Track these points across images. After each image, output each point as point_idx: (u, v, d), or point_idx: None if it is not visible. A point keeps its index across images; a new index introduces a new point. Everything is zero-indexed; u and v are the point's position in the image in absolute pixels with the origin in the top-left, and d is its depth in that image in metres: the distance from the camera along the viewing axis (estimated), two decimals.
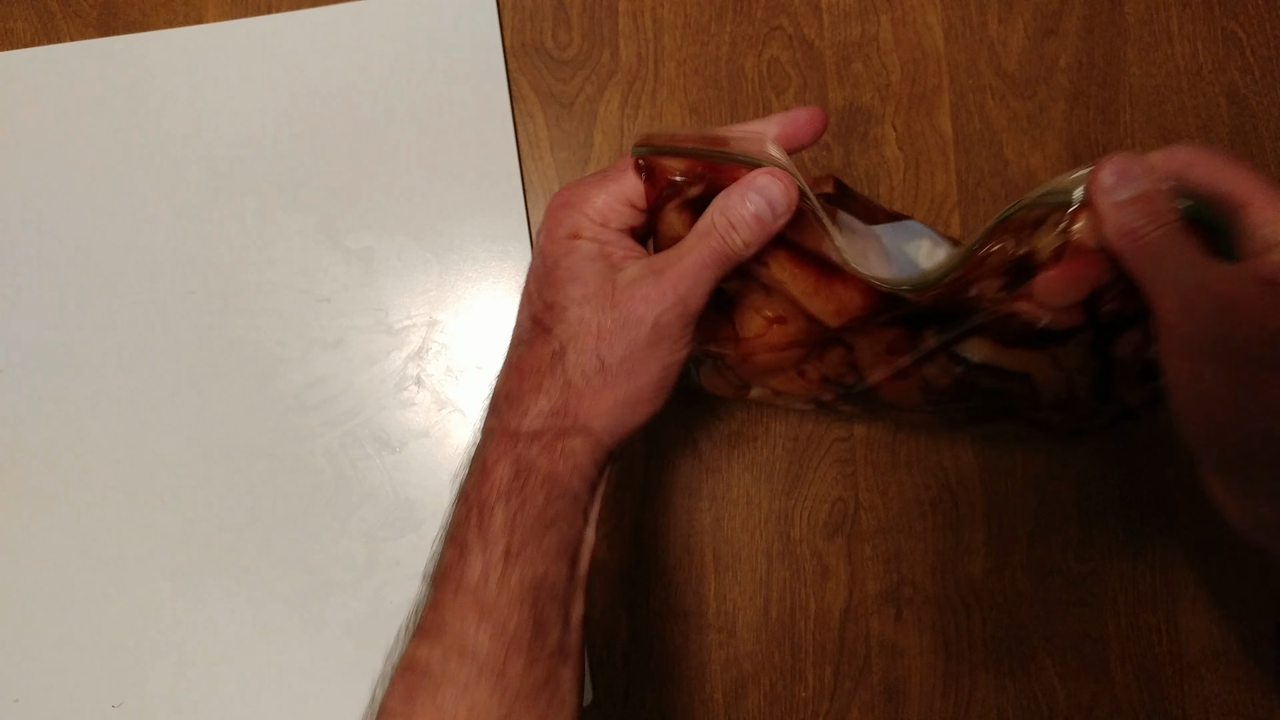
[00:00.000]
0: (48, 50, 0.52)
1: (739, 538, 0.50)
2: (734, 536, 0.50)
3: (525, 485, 0.33)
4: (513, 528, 0.32)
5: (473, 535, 0.33)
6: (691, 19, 0.51)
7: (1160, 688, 0.48)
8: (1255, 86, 0.50)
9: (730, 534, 0.50)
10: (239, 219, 0.51)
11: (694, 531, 0.50)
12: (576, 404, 0.33)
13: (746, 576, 0.50)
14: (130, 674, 0.49)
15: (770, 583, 0.50)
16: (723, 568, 0.50)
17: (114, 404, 0.50)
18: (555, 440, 0.33)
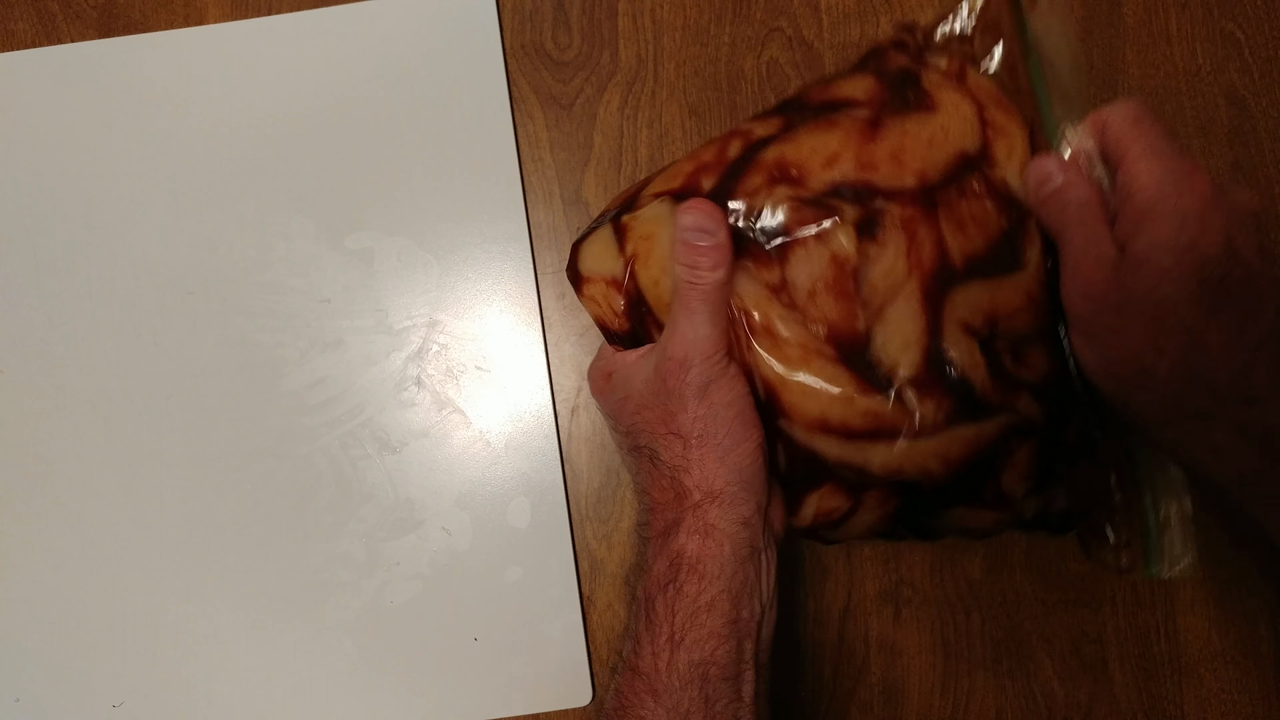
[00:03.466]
0: (48, 51, 0.52)
1: None
2: None
3: (678, 574, 0.36)
4: (673, 614, 0.35)
5: (642, 627, 0.36)
6: (691, 20, 0.52)
7: (1158, 688, 0.49)
8: (1254, 88, 0.50)
9: None
10: (239, 220, 0.51)
11: None
12: (689, 481, 0.36)
13: None
14: (131, 674, 0.49)
15: None
16: None
17: (114, 404, 0.50)
18: (695, 520, 0.36)
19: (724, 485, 0.36)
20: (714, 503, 0.36)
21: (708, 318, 0.36)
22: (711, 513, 0.36)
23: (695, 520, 0.36)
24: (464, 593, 0.49)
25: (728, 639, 0.35)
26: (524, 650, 0.49)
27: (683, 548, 0.36)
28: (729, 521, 0.36)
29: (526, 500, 0.49)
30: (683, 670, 0.34)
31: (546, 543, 0.49)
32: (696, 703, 0.34)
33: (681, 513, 0.36)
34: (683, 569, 0.35)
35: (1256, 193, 0.50)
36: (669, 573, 0.36)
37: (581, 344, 0.51)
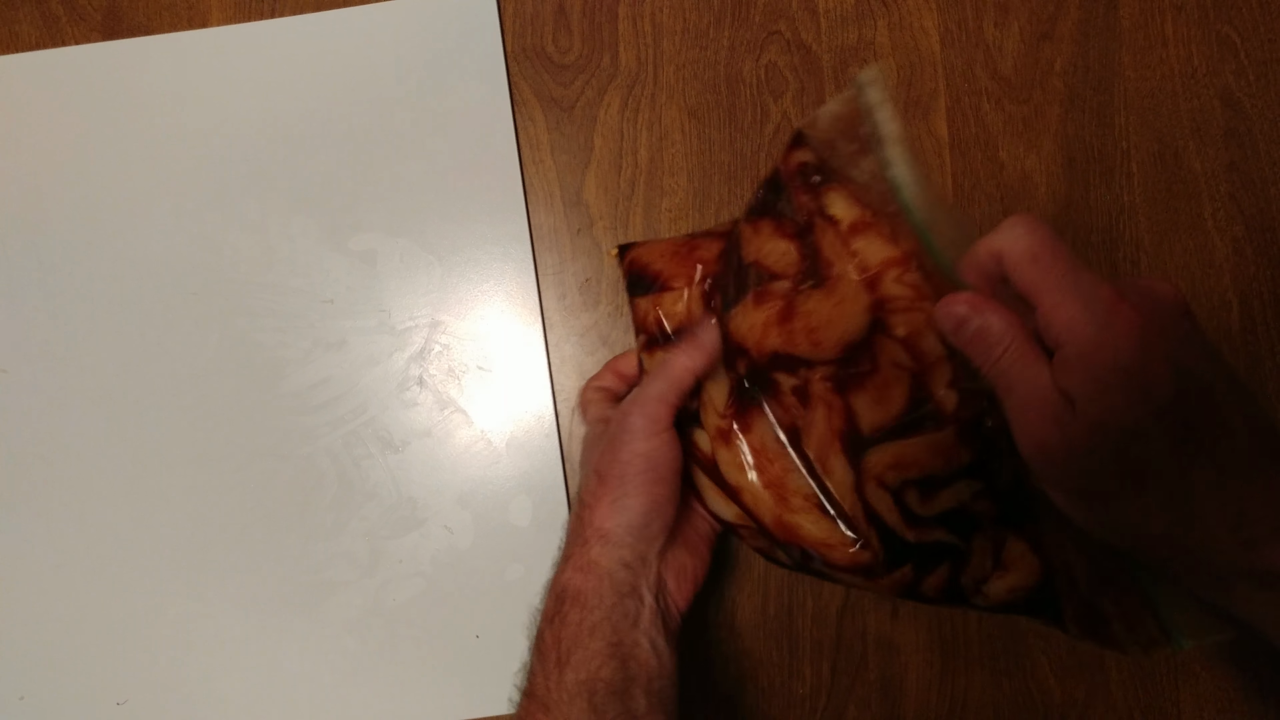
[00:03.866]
0: (52, 54, 0.52)
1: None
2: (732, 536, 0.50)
3: (563, 606, 0.39)
4: (559, 641, 0.38)
5: (534, 657, 0.39)
6: (690, 24, 0.52)
7: (1155, 685, 0.49)
8: (1249, 90, 0.51)
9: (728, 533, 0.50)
10: (242, 221, 0.51)
11: None
12: (588, 517, 0.39)
13: (744, 574, 0.50)
14: (134, 672, 0.50)
15: (768, 580, 0.50)
16: (721, 565, 0.50)
17: (117, 404, 0.51)
18: (580, 556, 0.39)
19: (611, 526, 0.39)
20: (600, 540, 0.39)
21: (662, 390, 0.39)
22: (594, 550, 0.39)
23: (580, 556, 0.39)
24: (466, 591, 0.49)
25: (610, 659, 0.37)
26: (525, 648, 0.49)
27: (568, 581, 0.39)
28: (609, 560, 0.38)
29: (528, 499, 0.50)
30: (570, 687, 0.37)
31: (548, 541, 0.49)
32: (585, 713, 0.36)
33: (574, 548, 0.39)
34: (566, 600, 0.39)
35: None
36: (555, 605, 0.39)
37: (581, 344, 0.51)
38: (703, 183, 0.51)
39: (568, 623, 0.38)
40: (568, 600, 0.39)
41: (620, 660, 0.37)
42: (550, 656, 0.38)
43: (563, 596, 0.39)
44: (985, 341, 0.32)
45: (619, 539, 0.39)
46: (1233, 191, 0.50)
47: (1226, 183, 0.50)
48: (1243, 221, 0.50)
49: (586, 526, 0.39)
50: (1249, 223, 0.50)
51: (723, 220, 0.51)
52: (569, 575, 0.39)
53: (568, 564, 0.39)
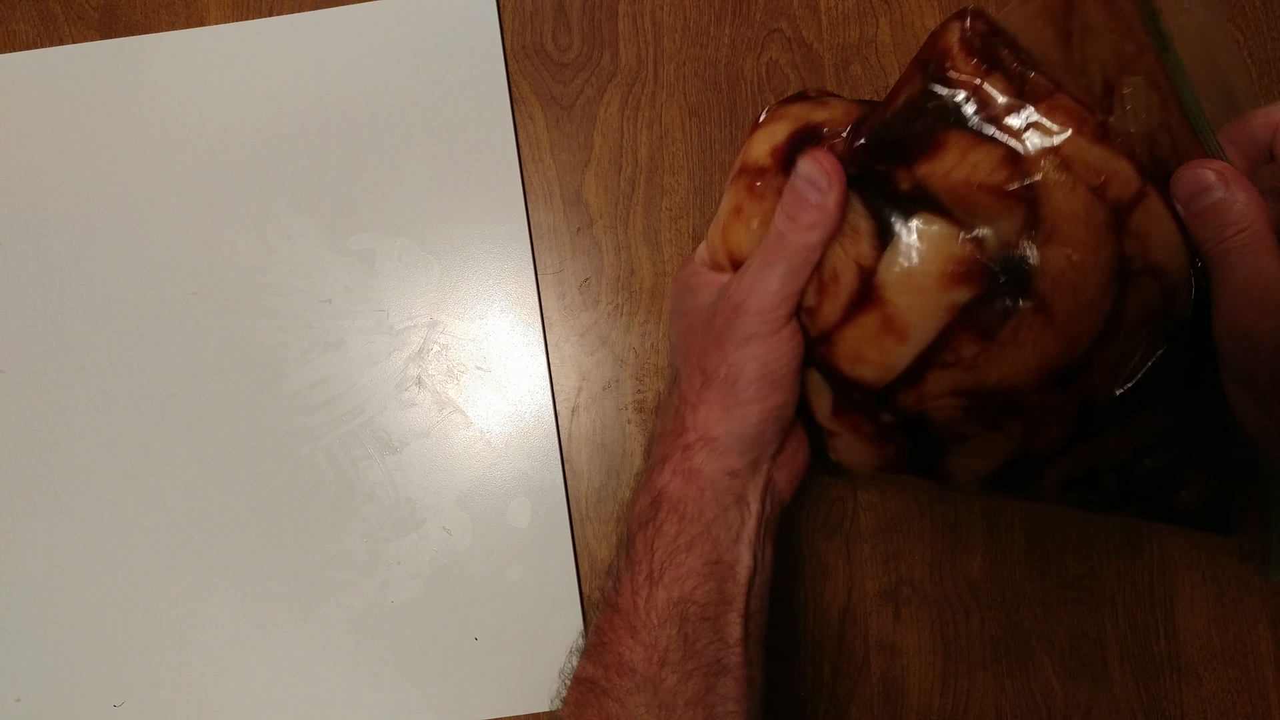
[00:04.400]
0: (50, 52, 0.52)
1: None
2: None
3: (658, 512, 0.35)
4: (652, 551, 0.35)
5: (622, 564, 0.36)
6: (691, 22, 0.52)
7: (1158, 688, 0.49)
8: (1253, 89, 0.51)
9: None
10: (240, 221, 0.51)
11: None
12: (692, 419, 0.35)
13: None
14: (132, 673, 0.49)
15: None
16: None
17: (116, 405, 0.50)
18: (682, 460, 0.35)
19: (721, 433, 0.35)
20: (705, 447, 0.35)
21: (782, 274, 0.34)
22: (699, 456, 0.35)
23: (682, 460, 0.35)
24: (464, 592, 0.49)
25: (707, 579, 0.34)
26: (524, 650, 0.49)
27: (665, 486, 0.35)
28: (714, 468, 0.35)
29: (527, 500, 0.50)
30: (661, 607, 0.34)
31: (547, 542, 0.49)
32: (675, 640, 0.33)
33: (673, 449, 0.36)
34: (663, 507, 0.35)
35: None
36: (649, 510, 0.35)
37: (581, 344, 0.51)
38: (703, 181, 0.51)
39: (663, 532, 0.35)
40: (664, 507, 0.35)
41: (718, 580, 0.34)
42: (641, 569, 0.35)
43: (659, 501, 0.35)
44: (1223, 216, 0.29)
45: (727, 447, 0.35)
46: None
47: None
48: None
49: (689, 430, 0.35)
50: None
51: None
52: (667, 479, 0.35)
53: (665, 465, 0.36)
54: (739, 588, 0.35)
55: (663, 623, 0.34)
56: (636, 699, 0.33)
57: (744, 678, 0.35)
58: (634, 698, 0.33)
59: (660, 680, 0.33)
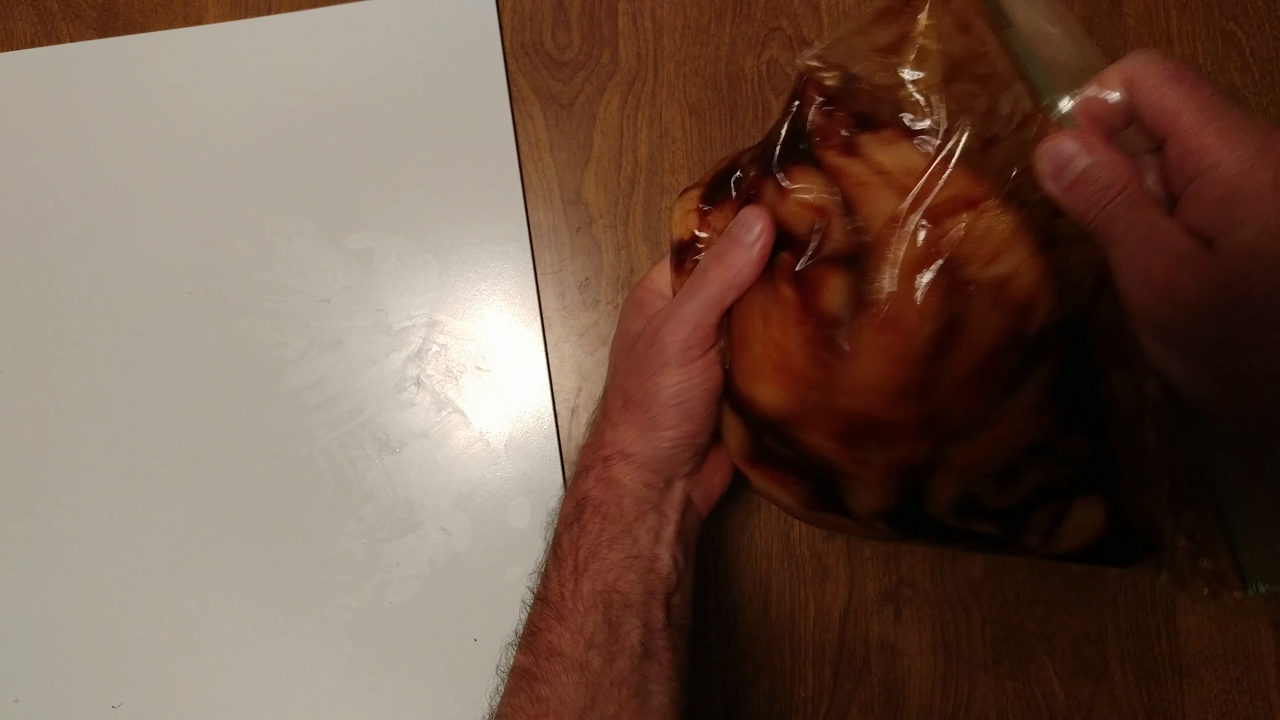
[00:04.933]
0: (48, 51, 0.52)
1: (738, 538, 0.50)
2: (733, 537, 0.50)
3: (583, 514, 0.38)
4: (577, 548, 0.37)
5: (550, 561, 0.38)
6: (691, 20, 0.52)
7: (1160, 688, 0.48)
8: (1255, 87, 0.50)
9: (729, 534, 0.50)
10: (239, 220, 0.51)
11: None
12: (612, 435, 0.38)
13: (746, 577, 0.50)
14: (130, 674, 0.49)
15: (769, 583, 0.50)
16: (722, 568, 0.50)
17: (114, 404, 0.50)
18: (603, 470, 0.38)
19: (636, 451, 0.37)
20: (623, 461, 0.37)
21: (698, 307, 0.36)
22: (618, 468, 0.37)
23: (603, 470, 0.38)
24: (463, 593, 0.49)
25: (628, 570, 0.36)
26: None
27: (588, 491, 0.38)
28: (631, 480, 0.37)
29: (526, 500, 0.49)
30: (586, 596, 0.36)
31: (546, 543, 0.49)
32: (600, 626, 0.35)
33: (594, 460, 0.38)
34: (587, 509, 0.37)
35: None
36: (574, 512, 0.38)
37: (581, 344, 0.51)
38: None
39: (587, 531, 0.37)
40: (588, 509, 0.37)
41: (639, 573, 0.36)
42: (567, 563, 0.37)
43: (583, 505, 0.37)
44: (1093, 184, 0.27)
45: (643, 464, 0.37)
46: None
47: None
48: None
49: (608, 444, 0.38)
50: None
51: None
52: (590, 485, 0.38)
53: (588, 474, 0.38)
54: (660, 581, 0.37)
55: (588, 609, 0.36)
56: (565, 679, 0.35)
57: (670, 661, 0.36)
58: (562, 678, 0.35)
59: (587, 662, 0.35)
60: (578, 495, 0.38)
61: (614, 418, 0.38)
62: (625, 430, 0.37)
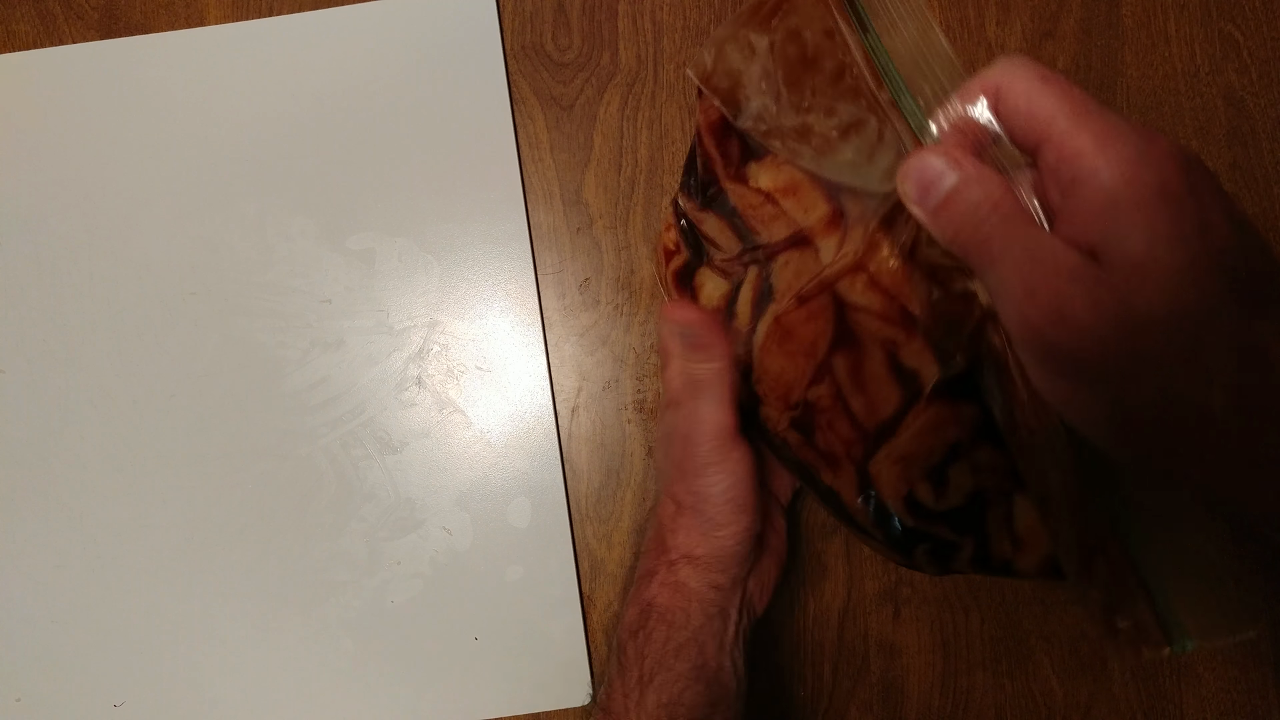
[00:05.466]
0: (49, 52, 0.52)
1: None
2: None
3: (648, 621, 0.37)
4: (642, 657, 0.36)
5: (614, 670, 0.37)
6: (691, 22, 0.52)
7: (1158, 687, 0.49)
8: (1252, 88, 0.51)
9: None
10: (240, 221, 0.51)
11: None
12: (672, 541, 0.37)
13: None
14: (132, 673, 0.49)
15: None
16: None
17: (115, 405, 0.50)
18: (668, 575, 0.37)
19: (702, 554, 0.37)
20: (689, 564, 0.37)
21: (711, 403, 0.36)
22: (684, 571, 0.37)
23: (669, 574, 0.37)
24: (464, 592, 0.49)
25: (695, 682, 0.36)
26: (524, 650, 0.49)
27: (654, 597, 0.37)
28: (700, 583, 0.37)
29: (527, 500, 0.50)
30: (651, 710, 0.35)
31: (547, 542, 0.49)
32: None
33: (659, 564, 0.38)
34: (652, 616, 0.37)
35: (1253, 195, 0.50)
36: (639, 619, 0.37)
37: (581, 344, 0.51)
38: None
39: (653, 640, 0.36)
40: (654, 616, 0.37)
41: (705, 684, 0.36)
42: (632, 674, 0.36)
43: (648, 612, 0.37)
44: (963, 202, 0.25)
45: (709, 564, 0.37)
46: (1235, 191, 0.50)
47: (1229, 182, 0.50)
48: None
49: (671, 549, 0.37)
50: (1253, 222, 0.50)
51: None
52: (655, 591, 0.37)
53: (653, 579, 0.37)
54: (725, 692, 0.36)
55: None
56: None
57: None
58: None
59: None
60: (642, 602, 0.37)
61: (670, 525, 0.38)
62: (685, 535, 0.37)
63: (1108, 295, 0.23)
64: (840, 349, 0.33)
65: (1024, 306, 0.24)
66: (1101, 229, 0.23)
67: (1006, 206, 0.25)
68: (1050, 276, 0.23)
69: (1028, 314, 0.24)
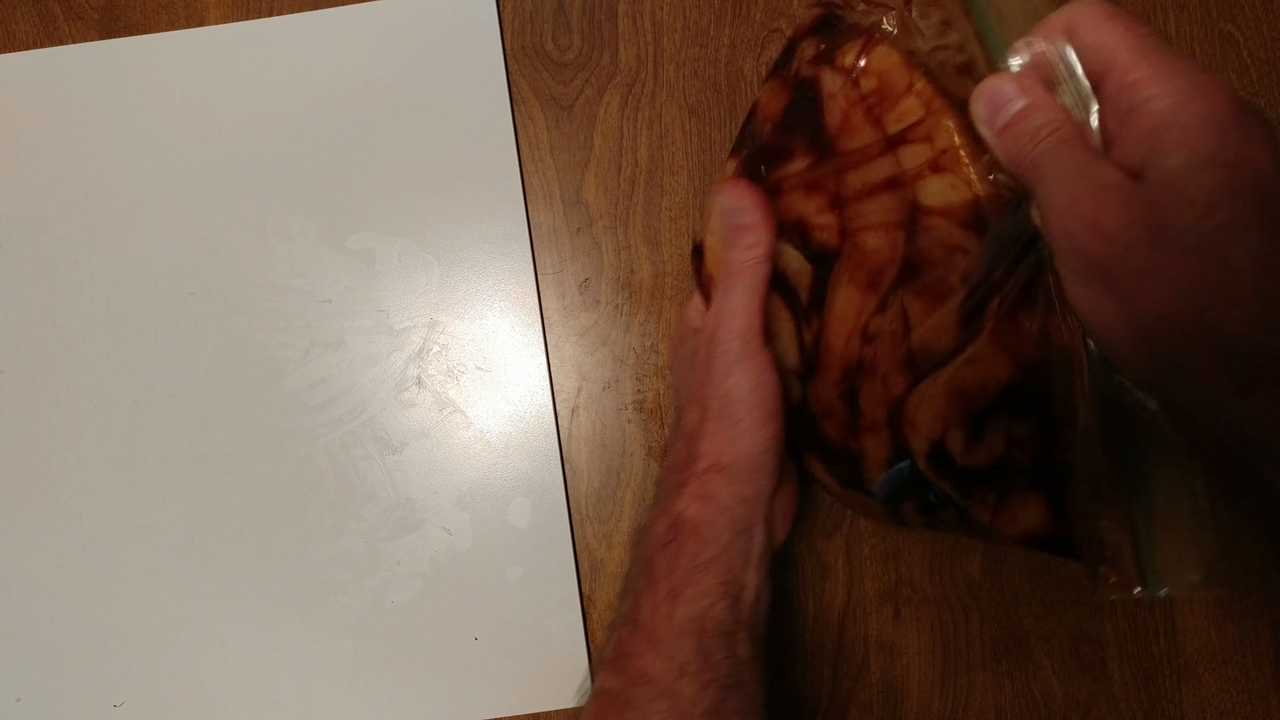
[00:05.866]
0: (49, 53, 0.52)
1: None
2: None
3: (679, 534, 0.36)
4: (672, 571, 0.36)
5: (643, 584, 0.37)
6: (690, 22, 0.52)
7: (1158, 687, 0.49)
8: (1253, 88, 0.51)
9: None
10: (240, 221, 0.51)
11: None
12: (698, 448, 0.37)
13: None
14: (132, 673, 0.49)
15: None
16: None
17: (115, 405, 0.50)
18: (699, 486, 0.37)
19: (730, 459, 0.36)
20: (719, 474, 0.36)
21: (742, 296, 0.36)
22: (714, 482, 0.36)
23: (698, 486, 0.36)
24: (464, 592, 0.49)
25: (723, 597, 0.35)
26: (524, 650, 0.49)
27: (683, 510, 0.36)
28: (729, 495, 0.36)
29: (527, 500, 0.50)
30: (680, 623, 0.35)
31: (547, 542, 0.49)
32: (693, 653, 0.34)
33: (687, 476, 0.37)
34: (683, 530, 0.36)
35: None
36: (668, 533, 0.37)
37: (581, 344, 0.51)
38: (703, 181, 0.51)
39: (683, 553, 0.36)
40: (684, 530, 0.36)
41: (731, 600, 0.35)
42: (661, 586, 0.36)
43: (679, 525, 0.36)
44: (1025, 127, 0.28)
45: (738, 473, 0.36)
46: None
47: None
48: None
49: (700, 457, 0.37)
50: None
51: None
52: (685, 503, 0.36)
53: (683, 491, 0.37)
54: (747, 609, 0.36)
55: (681, 635, 0.35)
56: (655, 706, 0.34)
57: (755, 695, 0.36)
58: (653, 705, 0.34)
59: (678, 690, 0.34)
60: (672, 515, 0.37)
61: (696, 431, 0.37)
62: (712, 440, 0.37)
63: (1141, 207, 0.25)
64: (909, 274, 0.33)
65: (1064, 216, 0.26)
66: (1147, 150, 0.25)
67: (1064, 132, 0.27)
68: (1091, 190, 0.26)
69: (1067, 223, 0.26)
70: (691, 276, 0.43)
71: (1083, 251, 0.26)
